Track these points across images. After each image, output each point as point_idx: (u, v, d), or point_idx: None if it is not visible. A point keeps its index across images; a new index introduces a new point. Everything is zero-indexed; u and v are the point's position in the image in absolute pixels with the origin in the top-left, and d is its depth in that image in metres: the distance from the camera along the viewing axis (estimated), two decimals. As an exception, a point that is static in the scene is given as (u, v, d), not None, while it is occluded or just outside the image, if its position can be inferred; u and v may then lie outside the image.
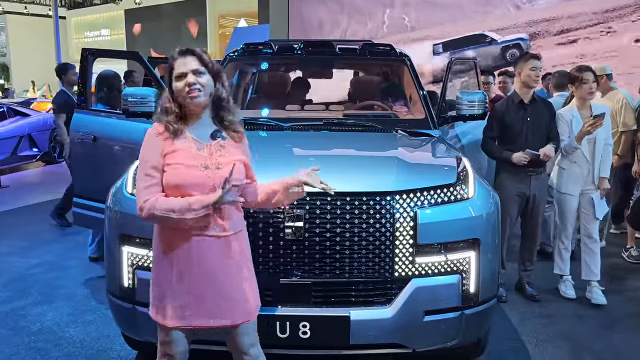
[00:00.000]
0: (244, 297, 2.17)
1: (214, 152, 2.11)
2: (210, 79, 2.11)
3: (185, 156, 2.08)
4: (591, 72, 4.08)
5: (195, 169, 2.06)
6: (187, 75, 2.06)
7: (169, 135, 2.10)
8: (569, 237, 4.30)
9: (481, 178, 2.92)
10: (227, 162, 2.10)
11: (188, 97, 2.07)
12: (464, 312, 2.63)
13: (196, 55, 2.10)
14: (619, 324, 3.87)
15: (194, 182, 2.05)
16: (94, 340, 3.56)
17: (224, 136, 2.16)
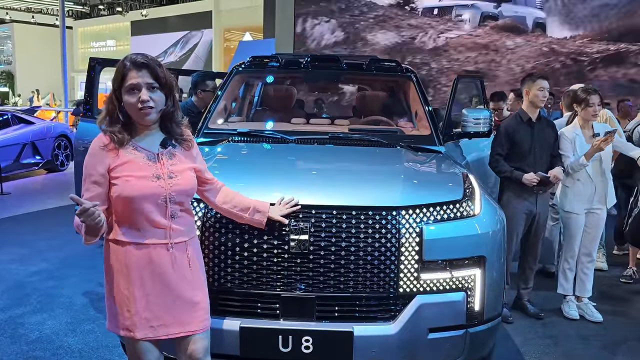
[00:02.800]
0: (202, 303, 2.18)
1: (165, 161, 2.09)
2: (162, 94, 2.06)
3: (135, 167, 2.04)
4: (598, 95, 4.09)
5: (146, 180, 2.02)
6: (140, 89, 2.01)
7: (115, 146, 2.04)
8: (575, 257, 4.28)
9: (487, 195, 2.91)
10: (180, 170, 2.10)
11: (141, 115, 2.03)
12: (468, 330, 2.59)
13: (150, 69, 2.03)
14: (622, 346, 3.83)
15: (146, 193, 2.01)
16: (92, 350, 3.53)
17: (173, 144, 2.14)
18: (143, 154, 2.07)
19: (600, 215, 4.22)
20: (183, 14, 26.91)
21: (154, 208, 2.04)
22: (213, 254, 2.50)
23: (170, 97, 2.10)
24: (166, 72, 2.08)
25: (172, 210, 2.08)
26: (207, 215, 2.52)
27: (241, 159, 3.30)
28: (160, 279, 2.08)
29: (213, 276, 2.50)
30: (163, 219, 2.06)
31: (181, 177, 2.09)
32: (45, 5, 31.11)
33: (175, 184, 2.07)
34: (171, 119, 2.13)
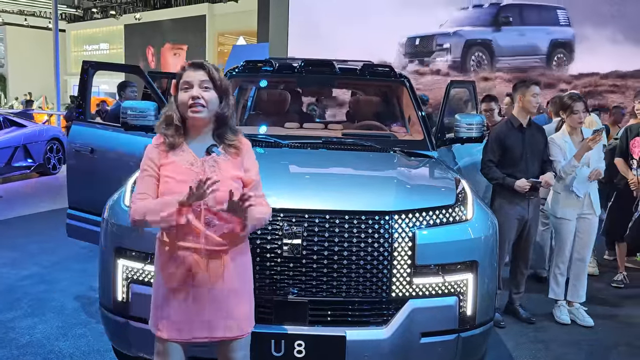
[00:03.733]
0: (238, 311, 2.16)
1: (206, 168, 2.10)
2: (215, 95, 2.10)
3: (177, 170, 2.08)
4: (582, 103, 4.14)
5: (185, 184, 2.03)
6: (193, 87, 2.06)
7: (165, 148, 2.12)
8: (566, 262, 4.30)
9: (480, 200, 2.93)
10: (220, 179, 2.07)
11: (190, 111, 2.07)
12: (460, 335, 2.61)
13: (206, 70, 2.09)
14: (613, 351, 3.86)
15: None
16: (83, 355, 3.50)
17: (219, 151, 2.13)
18: (187, 158, 2.10)
19: (591, 221, 4.25)
20: (177, 18, 26.89)
21: (190, 214, 2.05)
22: (206, 258, 2.50)
23: (225, 100, 2.12)
24: (222, 77, 2.13)
25: (208, 218, 2.07)
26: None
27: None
28: (192, 283, 2.09)
29: (206, 280, 2.50)
30: (198, 226, 2.06)
31: (220, 187, 2.04)
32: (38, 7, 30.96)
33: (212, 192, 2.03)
34: (226, 123, 2.15)
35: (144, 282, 2.60)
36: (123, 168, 4.27)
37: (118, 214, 2.73)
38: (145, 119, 3.90)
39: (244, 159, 2.19)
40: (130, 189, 2.77)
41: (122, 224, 2.69)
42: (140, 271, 2.61)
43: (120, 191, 2.89)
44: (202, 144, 2.14)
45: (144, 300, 2.58)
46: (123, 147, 4.29)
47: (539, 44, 10.19)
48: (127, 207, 2.70)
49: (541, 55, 10.18)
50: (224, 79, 2.13)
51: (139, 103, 4.03)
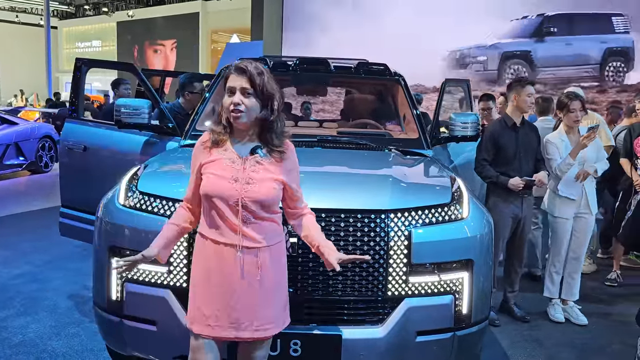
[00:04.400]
0: (268, 313, 2.16)
1: (247, 167, 2.12)
2: (256, 102, 2.10)
3: (219, 166, 2.12)
4: (579, 101, 4.14)
5: (225, 181, 2.08)
6: (235, 93, 2.09)
7: (209, 145, 2.16)
8: (562, 261, 4.32)
9: (475, 198, 2.93)
10: (260, 178, 2.11)
11: (230, 116, 2.10)
12: (456, 334, 2.60)
13: (247, 76, 2.09)
14: (607, 349, 3.88)
15: (220, 193, 2.08)
16: (77, 354, 3.48)
17: (263, 153, 2.15)
18: (230, 156, 2.14)
19: (588, 220, 4.27)
20: (170, 15, 26.78)
21: (227, 209, 2.09)
22: (201, 256, 2.48)
23: (268, 106, 2.12)
24: (266, 81, 2.12)
25: (245, 215, 2.09)
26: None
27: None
28: (225, 280, 2.11)
29: (201, 279, 2.49)
30: (235, 222, 2.08)
31: (258, 186, 2.09)
32: (30, 4, 30.76)
33: (251, 190, 2.08)
34: (270, 128, 2.15)
35: (139, 281, 2.57)
36: (116, 166, 4.25)
37: (112, 213, 2.70)
38: (139, 117, 3.88)
39: (287, 163, 2.21)
40: (125, 187, 2.75)
41: (116, 223, 2.66)
42: (135, 270, 2.58)
43: (114, 189, 2.86)
44: (245, 145, 2.16)
45: (138, 299, 2.58)
46: (116, 145, 4.26)
47: (589, 53, 9.80)
48: (122, 206, 2.68)
49: (593, 64, 9.79)
50: (267, 85, 2.11)
51: (132, 101, 4.00)
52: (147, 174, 2.83)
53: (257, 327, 2.14)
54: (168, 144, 4.05)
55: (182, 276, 2.51)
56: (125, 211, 2.66)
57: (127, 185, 2.76)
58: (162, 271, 2.53)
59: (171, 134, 4.04)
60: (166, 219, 2.53)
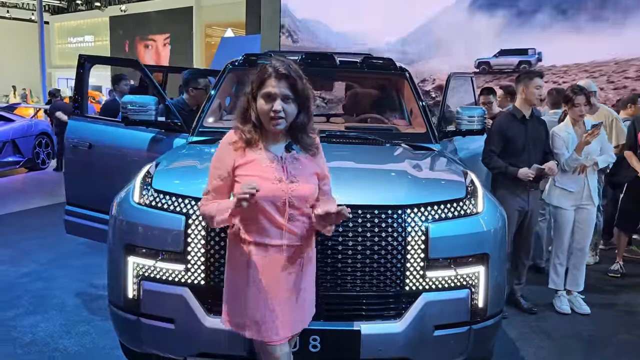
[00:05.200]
0: (305, 309, 2.20)
1: (287, 165, 2.10)
2: (295, 106, 2.07)
3: (259, 168, 2.08)
4: (583, 96, 4.16)
5: (269, 182, 2.04)
6: (275, 99, 2.03)
7: (242, 145, 2.10)
8: (565, 252, 4.35)
9: (488, 192, 2.94)
10: (302, 175, 2.10)
11: (270, 123, 2.05)
12: (472, 327, 2.62)
13: (290, 81, 2.04)
14: (613, 339, 3.91)
15: (267, 194, 2.03)
16: (89, 352, 3.48)
17: (298, 149, 2.14)
18: (268, 155, 2.10)
19: (590, 211, 4.30)
20: (163, 10, 26.59)
21: (273, 210, 2.06)
22: (219, 254, 2.49)
23: (304, 109, 2.10)
24: (306, 84, 2.08)
25: (290, 213, 2.08)
26: (212, 216, 2.50)
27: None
28: (273, 281, 2.10)
29: (219, 276, 2.49)
30: (281, 221, 2.07)
31: (302, 182, 2.09)
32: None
33: (296, 188, 2.07)
34: (302, 130, 2.13)
35: (156, 279, 2.57)
36: (123, 163, 4.24)
37: (127, 211, 2.69)
38: (145, 114, 3.86)
39: (319, 154, 2.22)
40: (140, 185, 2.74)
41: (131, 221, 2.65)
42: (151, 268, 2.58)
43: (128, 187, 2.85)
44: (277, 145, 2.14)
45: (156, 297, 2.58)
46: (122, 142, 4.24)
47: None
48: (137, 204, 2.67)
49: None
50: (306, 88, 2.08)
51: (139, 97, 3.98)
52: (161, 172, 2.82)
53: (305, 321, 2.19)
54: (175, 140, 4.03)
55: (199, 274, 2.51)
56: (141, 209, 2.66)
57: (142, 183, 2.75)
58: (179, 269, 2.53)
59: (178, 130, 4.03)
60: (182, 217, 2.54)
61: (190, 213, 2.55)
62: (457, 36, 10.11)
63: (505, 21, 9.82)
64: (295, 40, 11.13)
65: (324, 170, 2.23)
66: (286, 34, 11.12)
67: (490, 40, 9.89)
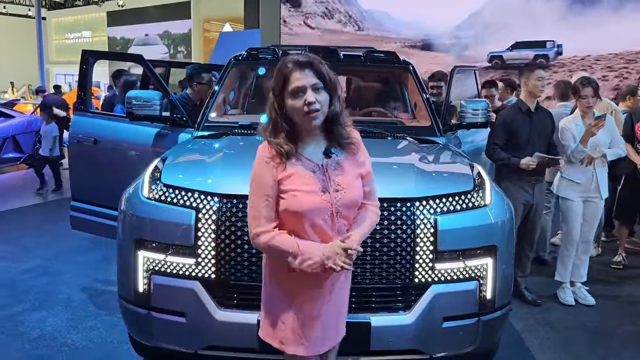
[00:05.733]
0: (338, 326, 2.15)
1: (330, 173, 1.94)
2: (327, 95, 1.90)
3: (301, 181, 1.91)
4: (591, 88, 4.16)
5: (313, 195, 1.89)
6: (305, 91, 1.86)
7: (281, 160, 1.92)
8: (574, 244, 4.36)
9: (496, 185, 2.96)
10: (346, 181, 1.94)
11: (307, 119, 1.88)
12: (480, 319, 2.64)
13: (314, 68, 1.88)
14: (618, 330, 3.94)
15: (313, 207, 1.89)
16: (97, 347, 3.50)
17: (338, 151, 1.95)
18: (308, 165, 1.93)
19: (597, 205, 4.32)
20: (161, 4, 26.46)
21: (322, 223, 1.91)
22: (229, 248, 2.50)
23: (335, 96, 1.93)
24: (330, 70, 1.93)
25: (339, 225, 1.94)
26: (222, 210, 2.52)
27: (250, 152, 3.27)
28: (320, 298, 2.01)
29: (229, 270, 2.51)
30: (330, 233, 1.93)
31: (347, 190, 1.93)
32: (18, -5, 30.31)
33: (342, 197, 1.92)
34: (337, 121, 1.94)
35: (166, 273, 2.59)
36: (128, 158, 4.25)
37: (137, 206, 2.70)
38: (150, 109, 3.87)
39: (360, 154, 2.04)
40: (149, 180, 2.74)
41: (141, 215, 2.66)
42: (161, 262, 2.59)
43: (137, 183, 2.85)
44: (315, 148, 1.96)
45: (166, 291, 2.59)
46: (128, 137, 4.25)
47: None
48: (146, 199, 2.68)
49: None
50: (331, 73, 1.93)
51: (143, 92, 3.99)
52: (169, 166, 2.83)
53: (340, 331, 2.15)
54: (180, 135, 4.04)
55: (210, 267, 2.53)
56: (150, 204, 2.67)
57: (151, 178, 2.76)
58: (190, 263, 2.55)
59: (183, 125, 4.03)
60: (192, 211, 2.55)
61: (200, 207, 2.56)
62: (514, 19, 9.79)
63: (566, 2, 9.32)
64: (361, 28, 11.11)
65: (367, 168, 2.05)
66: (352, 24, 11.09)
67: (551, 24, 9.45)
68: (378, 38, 10.84)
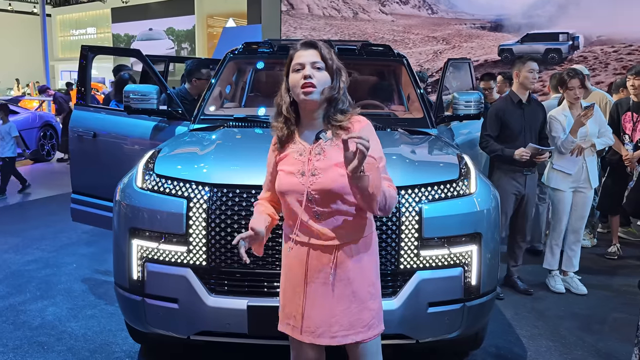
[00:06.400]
0: (348, 318, 2.00)
1: (312, 157, 1.98)
2: (327, 76, 1.97)
3: (288, 162, 2.02)
4: (578, 79, 4.21)
5: (292, 176, 1.98)
6: (304, 67, 1.95)
7: (278, 143, 2.07)
8: (562, 233, 4.43)
9: (482, 174, 3.02)
10: (324, 167, 1.95)
11: (301, 92, 1.94)
12: (465, 304, 2.71)
13: (317, 49, 1.98)
14: (608, 318, 3.99)
15: (289, 189, 1.98)
16: (96, 335, 3.58)
17: (326, 137, 1.95)
18: (298, 148, 2.02)
19: (587, 195, 4.37)
20: (165, 0, 26.55)
21: (297, 205, 1.98)
22: (220, 235, 2.58)
23: (336, 81, 1.99)
24: (334, 56, 2.01)
25: (315, 210, 1.96)
26: (212, 198, 2.59)
27: (242, 144, 3.36)
28: (299, 281, 2.03)
29: (220, 257, 2.59)
30: (305, 217, 1.97)
31: (324, 176, 1.93)
32: (23, -8, 30.48)
33: (316, 182, 1.93)
34: (335, 105, 1.98)
35: (159, 260, 2.67)
36: (126, 151, 4.33)
37: (131, 196, 2.78)
38: (147, 102, 3.95)
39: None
40: (142, 171, 2.82)
41: (135, 205, 2.74)
42: (155, 250, 2.67)
43: (131, 173, 2.94)
44: (313, 131, 2.01)
45: (159, 278, 2.67)
46: (126, 131, 4.33)
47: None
48: (140, 189, 2.76)
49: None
50: (335, 59, 2.01)
51: (141, 86, 4.06)
52: (163, 158, 2.91)
53: (335, 334, 2.00)
54: (177, 128, 4.12)
55: (201, 255, 2.60)
56: (144, 193, 2.75)
57: (144, 169, 2.84)
58: (181, 250, 2.63)
59: (180, 118, 4.11)
60: (184, 200, 2.63)
61: (191, 196, 2.63)
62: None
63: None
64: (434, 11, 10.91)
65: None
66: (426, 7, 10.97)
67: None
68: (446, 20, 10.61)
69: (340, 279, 1.99)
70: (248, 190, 2.61)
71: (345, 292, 2.00)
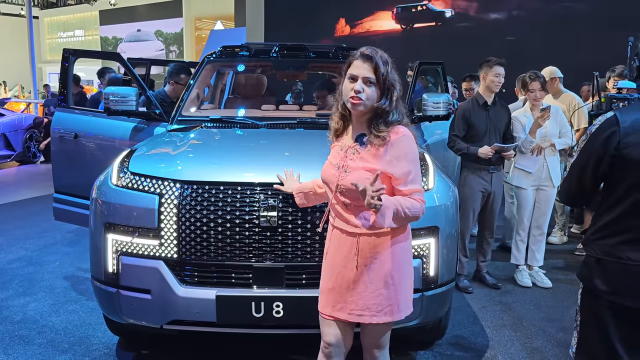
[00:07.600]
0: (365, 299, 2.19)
1: (348, 155, 2.20)
2: (376, 91, 2.11)
3: (333, 153, 2.30)
4: (538, 82, 4.39)
5: (331, 167, 2.25)
6: (357, 80, 2.11)
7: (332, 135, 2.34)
8: (526, 229, 4.62)
9: (442, 172, 3.18)
10: (354, 167, 2.16)
11: (349, 102, 2.14)
12: (424, 294, 2.86)
13: (373, 64, 2.10)
14: (570, 309, 4.17)
15: (327, 178, 2.27)
16: (76, 328, 3.71)
17: (363, 141, 2.17)
18: (342, 143, 2.26)
19: (549, 192, 4.56)
20: (153, 3, 26.61)
21: (332, 194, 2.25)
22: (190, 229, 2.72)
23: (387, 96, 2.13)
24: (390, 71, 2.12)
25: (344, 201, 2.20)
26: (183, 194, 2.74)
27: (214, 143, 3.50)
28: (334, 261, 2.26)
29: (190, 250, 2.73)
30: (337, 205, 2.24)
31: (351, 174, 2.14)
32: (10, -6, 30.35)
33: (345, 178, 2.15)
34: (382, 116, 2.14)
35: (133, 253, 2.80)
36: (107, 151, 4.45)
37: (106, 193, 2.92)
38: (127, 104, 4.08)
39: (388, 151, 2.14)
40: (117, 169, 2.96)
41: (110, 202, 2.88)
42: (128, 244, 2.80)
43: (107, 171, 3.07)
44: (360, 131, 2.21)
45: (133, 270, 2.81)
46: (106, 132, 4.45)
47: None
48: (115, 186, 2.90)
49: None
50: (390, 75, 2.12)
51: (120, 89, 4.19)
52: (137, 157, 3.05)
53: (351, 312, 2.21)
54: (156, 129, 4.25)
55: (172, 247, 2.74)
56: (118, 190, 2.88)
57: (119, 167, 2.98)
58: (154, 244, 2.76)
59: (159, 119, 4.24)
60: (156, 196, 2.77)
61: (163, 193, 2.77)
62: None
63: None
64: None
65: (392, 169, 2.13)
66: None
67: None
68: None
69: (363, 263, 2.19)
70: (217, 187, 2.75)
71: (362, 277, 2.19)
